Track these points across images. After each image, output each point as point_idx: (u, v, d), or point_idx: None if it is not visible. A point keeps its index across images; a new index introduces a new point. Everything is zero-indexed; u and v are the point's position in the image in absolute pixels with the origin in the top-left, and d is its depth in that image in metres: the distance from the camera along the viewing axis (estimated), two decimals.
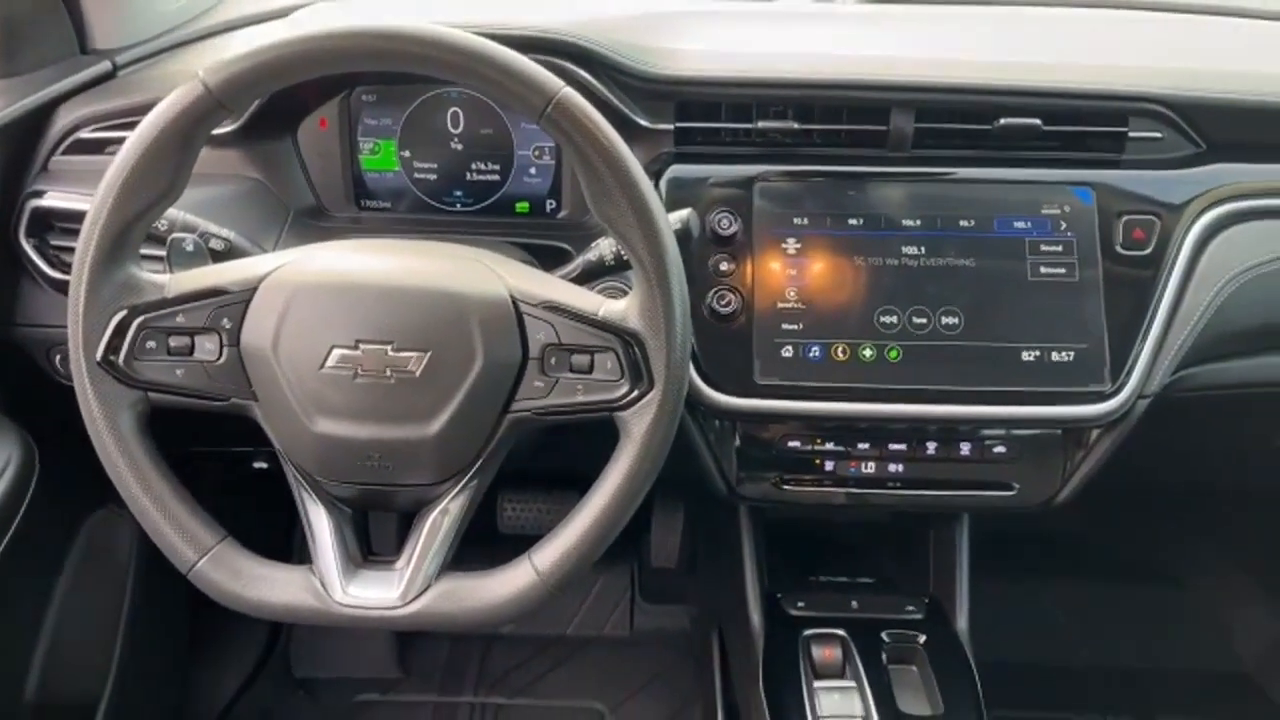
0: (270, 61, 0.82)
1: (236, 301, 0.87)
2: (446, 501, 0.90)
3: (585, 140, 0.83)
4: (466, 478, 0.90)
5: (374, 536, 0.98)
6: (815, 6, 1.48)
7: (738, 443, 1.13)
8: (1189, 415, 1.19)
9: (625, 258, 0.92)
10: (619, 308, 0.88)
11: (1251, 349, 1.15)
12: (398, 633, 1.85)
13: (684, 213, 0.97)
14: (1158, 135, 1.14)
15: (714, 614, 1.52)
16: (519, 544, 0.93)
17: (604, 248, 1.00)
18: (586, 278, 1.01)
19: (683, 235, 0.97)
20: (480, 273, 0.89)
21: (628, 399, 0.87)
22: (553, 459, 1.19)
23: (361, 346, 0.85)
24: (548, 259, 1.12)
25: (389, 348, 0.85)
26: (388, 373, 0.85)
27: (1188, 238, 1.10)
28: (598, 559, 0.90)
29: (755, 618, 1.24)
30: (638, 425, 0.87)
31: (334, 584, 0.89)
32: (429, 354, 0.85)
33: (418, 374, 0.85)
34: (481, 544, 1.04)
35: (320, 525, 0.91)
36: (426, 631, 1.89)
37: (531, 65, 0.83)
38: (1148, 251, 1.10)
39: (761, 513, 1.33)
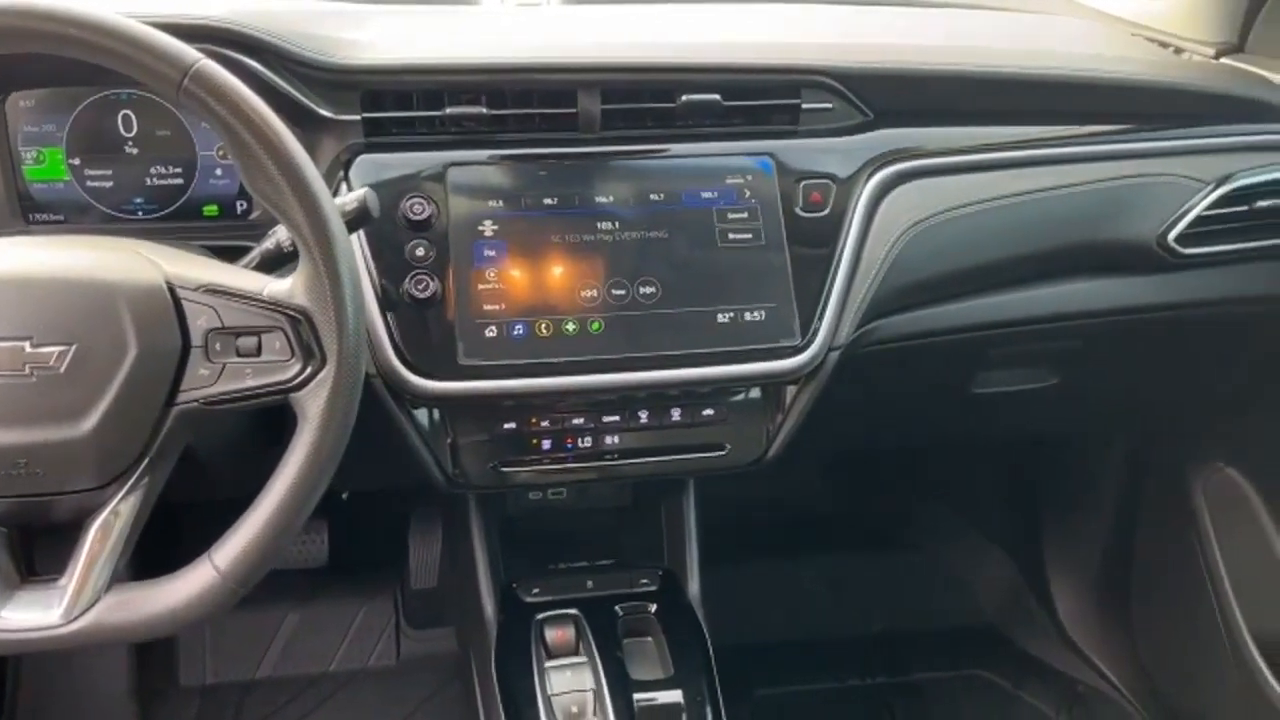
0: None
1: None
2: (115, 504, 0.84)
3: (229, 111, 0.80)
4: (134, 477, 0.84)
5: (53, 556, 0.90)
6: (519, 9, 1.50)
7: (450, 430, 1.11)
8: (886, 367, 1.27)
9: None
10: (285, 285, 0.85)
11: (930, 299, 1.23)
12: (139, 691, 1.72)
13: (360, 191, 0.95)
14: (828, 106, 1.21)
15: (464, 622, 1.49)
16: None
17: (281, 234, 0.96)
18: (268, 268, 0.97)
19: (361, 213, 0.94)
20: (131, 260, 0.84)
21: (300, 378, 0.84)
22: None
23: None
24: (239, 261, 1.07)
25: (26, 344, 0.79)
26: (27, 370, 0.79)
27: (861, 198, 1.17)
28: (285, 550, 0.86)
29: (489, 607, 1.23)
30: (313, 405, 0.84)
31: None
32: (73, 347, 0.80)
33: (62, 370, 0.80)
34: None
35: None
36: (170, 686, 1.76)
37: (164, 37, 0.80)
38: (826, 213, 1.16)
39: (495, 506, 1.31)
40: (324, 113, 1.11)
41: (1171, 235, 1.27)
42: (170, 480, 0.89)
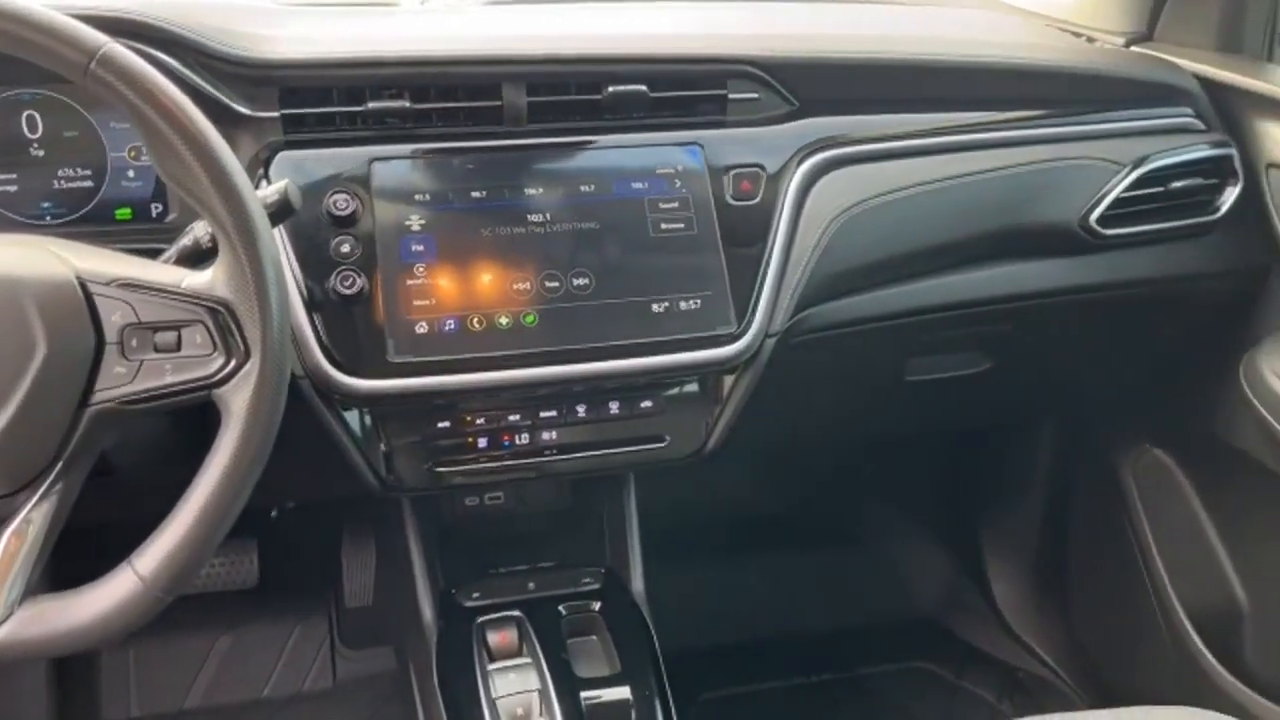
0: None
1: None
2: (27, 512, 0.79)
3: (139, 96, 0.77)
4: (47, 483, 0.80)
5: None
6: (443, 5, 1.48)
7: (383, 432, 1.08)
8: (821, 355, 1.27)
9: None
10: (204, 278, 0.82)
11: (862, 285, 1.24)
12: None
13: (280, 184, 0.92)
14: (755, 96, 1.21)
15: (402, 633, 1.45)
16: None
17: (199, 230, 0.93)
18: (187, 265, 0.93)
19: (283, 205, 0.91)
20: (38, 256, 0.80)
21: (224, 373, 0.81)
22: None
23: None
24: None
25: None
26: None
27: (790, 186, 1.17)
28: (213, 554, 0.82)
29: (427, 613, 1.19)
30: (238, 400, 0.80)
31: None
32: None
33: None
34: None
35: None
36: None
37: (70, 20, 0.77)
38: (756, 201, 1.16)
39: (431, 510, 1.29)
40: (241, 109, 1.08)
41: (1093, 217, 1.30)
42: (88, 497, 0.85)
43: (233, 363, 0.81)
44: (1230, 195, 1.36)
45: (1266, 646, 1.48)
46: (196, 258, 0.93)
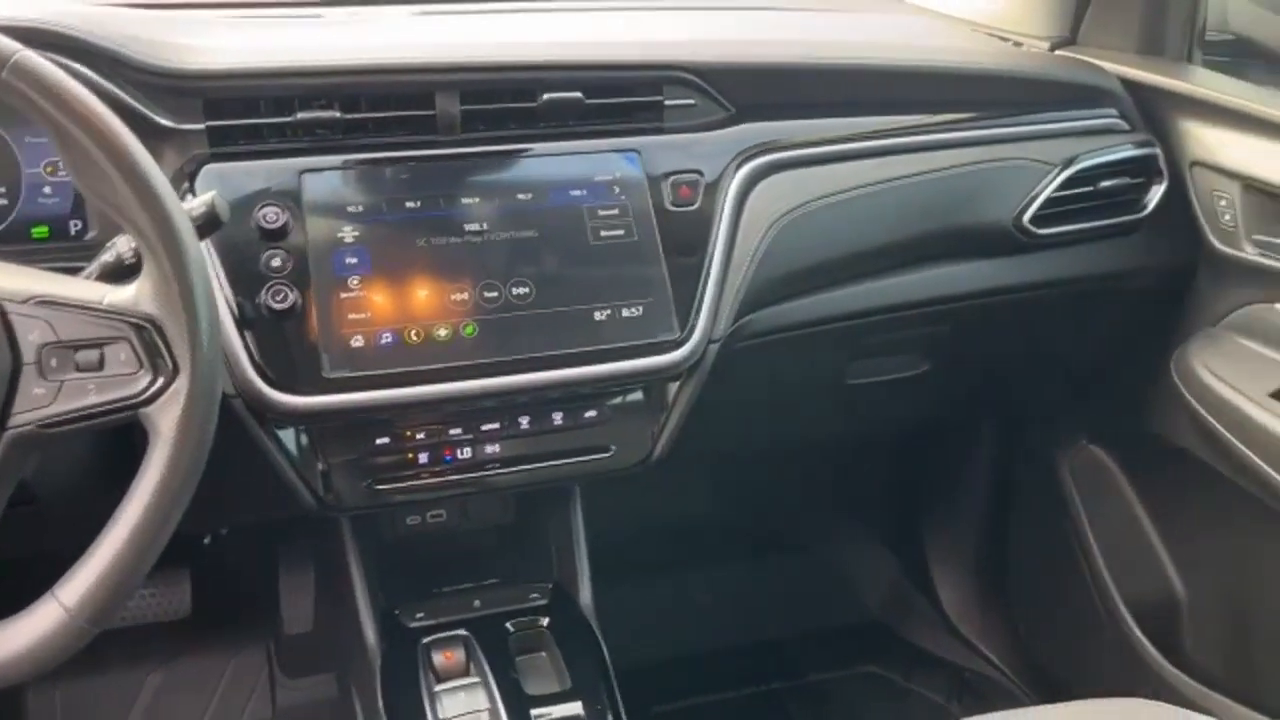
0: None
1: None
2: None
3: (54, 104, 0.74)
4: None
5: None
6: (369, 11, 1.46)
7: (320, 450, 1.05)
8: (764, 360, 1.27)
9: None
10: (128, 293, 0.79)
11: (803, 289, 1.24)
12: None
13: (206, 196, 0.89)
14: (691, 102, 1.21)
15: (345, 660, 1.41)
16: None
17: (121, 245, 0.89)
18: (108, 282, 0.90)
19: (210, 218, 0.89)
20: None
21: (151, 391, 0.77)
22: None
23: None
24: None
25: None
26: None
27: (729, 191, 1.17)
28: (143, 583, 0.79)
29: (370, 634, 1.16)
30: (166, 419, 0.77)
31: None
32: None
33: None
34: None
35: None
36: None
37: None
38: (695, 207, 1.15)
39: (371, 529, 1.25)
40: (164, 122, 1.05)
41: (1026, 217, 1.32)
42: (8, 526, 0.81)
43: (160, 381, 0.77)
44: (1156, 193, 1.39)
45: (1204, 636, 1.51)
46: (119, 274, 0.90)
